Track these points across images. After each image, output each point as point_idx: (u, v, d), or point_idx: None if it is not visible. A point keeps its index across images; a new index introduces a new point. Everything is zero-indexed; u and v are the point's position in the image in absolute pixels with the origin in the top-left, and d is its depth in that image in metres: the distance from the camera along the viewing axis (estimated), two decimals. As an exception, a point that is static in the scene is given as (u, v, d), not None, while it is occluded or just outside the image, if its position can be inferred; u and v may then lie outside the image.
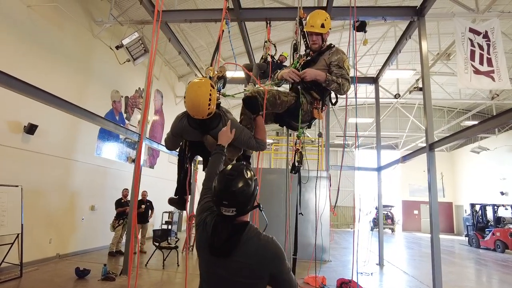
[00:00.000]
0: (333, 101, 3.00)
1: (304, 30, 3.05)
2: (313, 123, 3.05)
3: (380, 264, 9.25)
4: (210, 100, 2.27)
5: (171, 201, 2.99)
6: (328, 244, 9.59)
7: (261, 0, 10.48)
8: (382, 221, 9.31)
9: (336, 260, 9.80)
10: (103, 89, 9.47)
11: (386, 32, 13.11)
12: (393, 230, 21.95)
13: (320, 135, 12.63)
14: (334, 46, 2.96)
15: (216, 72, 2.85)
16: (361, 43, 10.22)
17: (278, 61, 6.58)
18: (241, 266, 1.51)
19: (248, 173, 1.61)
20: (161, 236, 8.26)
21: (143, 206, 9.48)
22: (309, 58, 3.00)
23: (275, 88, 2.91)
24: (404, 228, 23.71)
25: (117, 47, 7.91)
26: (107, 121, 6.63)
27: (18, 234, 6.08)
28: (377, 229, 20.21)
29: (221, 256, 1.53)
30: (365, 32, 7.59)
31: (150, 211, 9.87)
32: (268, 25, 7.03)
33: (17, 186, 6.18)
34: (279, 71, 3.02)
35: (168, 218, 13.41)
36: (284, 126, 3.09)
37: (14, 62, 6.31)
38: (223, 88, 2.89)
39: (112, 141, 9.92)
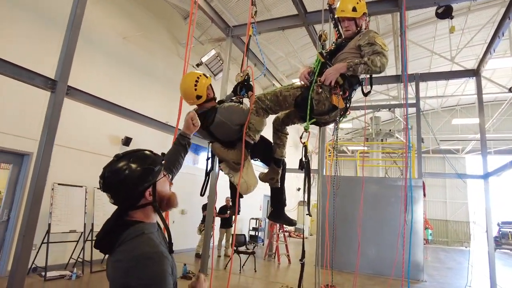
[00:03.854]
0: (366, 91, 2.65)
1: (336, 16, 2.82)
2: (341, 118, 2.68)
3: (492, 290, 7.69)
4: (197, 82, 2.58)
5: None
6: (422, 261, 8.40)
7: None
8: (492, 237, 7.68)
9: (433, 281, 8.53)
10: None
11: (495, 15, 11.08)
12: (522, 252, 17.95)
13: (422, 140, 11.37)
14: (364, 29, 2.63)
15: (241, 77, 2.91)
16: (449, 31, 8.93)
17: None
18: (111, 269, 1.25)
19: (138, 160, 1.33)
20: (240, 241, 8.59)
21: (229, 212, 10.01)
22: (335, 46, 2.73)
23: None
24: (540, 250, 19.14)
25: (197, 65, 8.66)
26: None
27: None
28: (501, 249, 16.90)
29: (103, 252, 1.29)
30: (451, 18, 6.66)
31: (233, 216, 10.33)
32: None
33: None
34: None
35: (256, 224, 13.83)
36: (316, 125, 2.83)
37: (113, 86, 7.51)
38: (246, 92, 2.82)
39: (202, 151, 10.82)
